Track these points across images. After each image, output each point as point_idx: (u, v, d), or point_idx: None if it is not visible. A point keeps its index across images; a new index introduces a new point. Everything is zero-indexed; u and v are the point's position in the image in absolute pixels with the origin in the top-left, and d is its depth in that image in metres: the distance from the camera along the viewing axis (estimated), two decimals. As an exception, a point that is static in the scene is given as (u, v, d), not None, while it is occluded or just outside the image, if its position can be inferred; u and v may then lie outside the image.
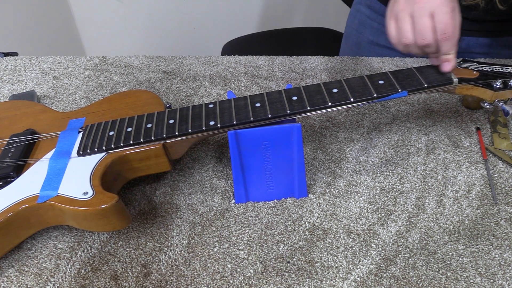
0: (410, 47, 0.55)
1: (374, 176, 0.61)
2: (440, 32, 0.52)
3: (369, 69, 0.81)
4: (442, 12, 0.51)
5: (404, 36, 0.54)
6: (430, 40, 0.53)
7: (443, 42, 0.52)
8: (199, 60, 0.86)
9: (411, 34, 0.53)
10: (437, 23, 0.52)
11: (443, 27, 0.51)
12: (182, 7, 1.79)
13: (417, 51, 0.55)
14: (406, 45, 0.55)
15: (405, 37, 0.54)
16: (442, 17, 0.51)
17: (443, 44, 0.53)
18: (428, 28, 0.52)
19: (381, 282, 0.49)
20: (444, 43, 0.53)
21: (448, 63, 0.55)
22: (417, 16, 0.52)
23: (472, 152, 0.64)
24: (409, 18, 0.53)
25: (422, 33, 0.52)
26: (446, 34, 0.52)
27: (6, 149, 0.57)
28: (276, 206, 0.58)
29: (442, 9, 0.51)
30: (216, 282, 0.50)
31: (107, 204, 0.48)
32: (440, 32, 0.52)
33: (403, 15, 0.53)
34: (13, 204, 0.50)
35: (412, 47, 0.55)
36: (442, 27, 0.51)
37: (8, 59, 0.87)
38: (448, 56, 0.54)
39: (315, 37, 1.38)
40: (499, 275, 0.50)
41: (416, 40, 0.53)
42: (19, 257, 0.53)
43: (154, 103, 0.62)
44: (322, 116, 0.71)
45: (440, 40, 0.52)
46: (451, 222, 0.55)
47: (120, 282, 0.50)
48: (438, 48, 0.54)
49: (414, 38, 0.53)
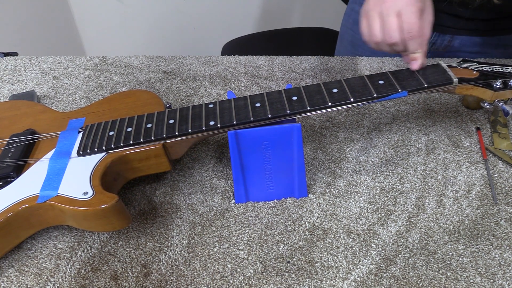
0: (380, 45, 0.56)
1: (374, 176, 0.61)
2: (406, 31, 0.53)
3: (369, 69, 0.81)
4: (408, 12, 0.52)
5: (374, 34, 0.55)
6: (397, 39, 0.54)
7: (409, 41, 0.54)
8: (199, 60, 0.86)
9: (379, 33, 0.55)
10: (403, 22, 0.53)
11: (409, 26, 0.53)
12: (182, 7, 1.79)
13: (387, 49, 0.57)
14: (376, 43, 0.56)
15: (374, 35, 0.55)
16: (408, 17, 0.52)
17: (410, 43, 0.54)
18: (394, 27, 0.53)
19: (381, 282, 0.49)
20: (410, 42, 0.54)
21: (415, 62, 0.55)
22: (385, 15, 0.54)
23: (472, 152, 0.64)
24: (378, 17, 0.55)
25: (389, 32, 0.54)
26: (412, 33, 0.53)
27: (6, 149, 0.57)
28: (276, 206, 0.58)
29: (408, 8, 0.52)
30: (216, 282, 0.50)
31: (107, 204, 0.48)
32: (406, 31, 0.53)
33: (373, 14, 0.55)
34: (13, 204, 0.50)
35: (382, 45, 0.56)
36: (407, 27, 0.53)
37: (8, 59, 0.87)
38: (415, 55, 0.55)
39: (315, 37, 1.38)
40: (499, 275, 0.50)
41: (384, 39, 0.55)
42: (19, 257, 0.53)
43: (154, 103, 0.62)
44: (322, 116, 0.71)
45: (406, 39, 0.54)
46: (451, 222, 0.55)
47: (120, 282, 0.50)
48: (405, 46, 0.55)
49: (382, 36, 0.55)
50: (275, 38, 1.37)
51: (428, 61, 0.82)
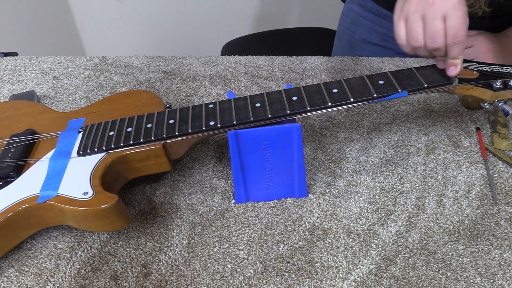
0: (419, 50, 0.53)
1: (374, 176, 0.61)
2: (452, 36, 0.50)
3: (369, 69, 0.81)
4: (455, 16, 0.49)
5: (415, 38, 0.52)
6: (441, 44, 0.51)
7: (452, 47, 0.51)
8: (199, 60, 0.86)
9: (422, 37, 0.52)
10: (449, 27, 0.50)
11: (455, 31, 0.50)
12: (182, 7, 1.79)
13: (425, 54, 0.54)
14: (415, 47, 0.53)
15: (415, 39, 0.52)
16: (455, 21, 0.49)
17: (453, 49, 0.51)
18: (440, 31, 0.50)
19: (381, 282, 0.49)
20: (453, 48, 0.51)
21: (454, 68, 0.53)
22: (430, 19, 0.50)
23: (472, 152, 0.64)
24: (420, 20, 0.51)
25: (433, 36, 0.51)
26: (457, 38, 0.50)
27: (6, 149, 0.57)
28: (276, 206, 0.58)
29: (455, 12, 0.49)
30: (216, 282, 0.50)
31: (107, 204, 0.48)
32: (452, 36, 0.50)
33: (415, 17, 0.51)
34: (13, 204, 0.50)
35: (421, 50, 0.53)
36: (453, 31, 0.50)
37: (8, 59, 0.87)
38: (455, 61, 0.53)
39: (315, 37, 1.38)
40: (499, 275, 0.50)
41: (427, 44, 0.52)
42: (19, 257, 0.53)
43: (154, 103, 0.62)
44: (322, 116, 0.71)
45: (450, 44, 0.51)
46: (451, 222, 0.55)
47: (120, 282, 0.50)
48: (447, 51, 0.52)
49: (424, 41, 0.52)
50: (275, 38, 1.37)
51: (425, 60, 0.82)
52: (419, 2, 0.51)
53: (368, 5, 0.89)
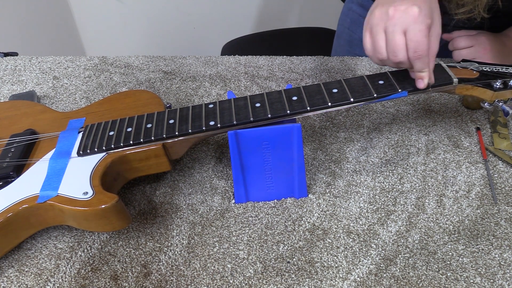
0: (384, 62, 0.53)
1: (374, 176, 0.61)
2: (412, 50, 0.49)
3: (369, 69, 0.81)
4: (415, 30, 0.49)
5: (378, 51, 0.52)
6: (403, 58, 0.51)
7: (414, 61, 0.50)
8: (199, 60, 0.86)
9: (384, 50, 0.52)
10: (409, 40, 0.49)
11: (415, 45, 0.49)
12: (182, 7, 1.79)
13: (392, 65, 0.54)
14: (380, 60, 0.53)
15: (379, 52, 0.52)
16: (415, 35, 0.49)
17: (415, 62, 0.51)
18: (400, 46, 0.50)
19: (381, 282, 0.49)
20: (416, 61, 0.50)
21: (421, 81, 0.53)
22: (390, 32, 0.50)
23: (472, 152, 0.64)
24: (382, 33, 0.51)
25: (394, 50, 0.50)
26: (418, 52, 0.49)
27: (6, 149, 0.57)
28: (276, 206, 0.58)
29: (415, 26, 0.48)
30: (216, 282, 0.50)
31: (107, 204, 0.48)
32: (412, 50, 0.49)
33: (377, 30, 0.51)
34: (13, 204, 0.50)
35: (387, 62, 0.53)
36: (414, 45, 0.49)
37: (8, 59, 0.87)
38: (421, 74, 0.52)
39: (315, 37, 1.38)
40: (499, 275, 0.50)
41: (389, 57, 0.52)
42: (19, 257, 0.53)
43: (154, 103, 0.62)
44: (322, 116, 0.71)
45: (411, 58, 0.50)
46: (451, 222, 0.55)
47: (120, 282, 0.50)
48: (411, 65, 0.52)
49: (387, 54, 0.52)
50: (275, 38, 1.37)
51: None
52: (381, 15, 0.51)
53: (368, 5, 0.89)
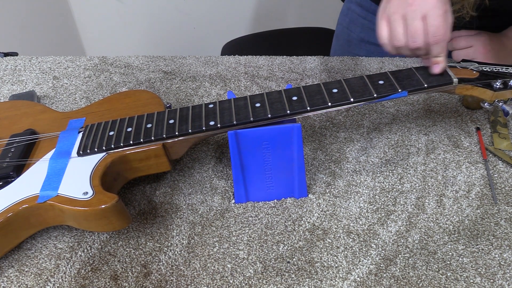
0: (401, 49, 0.55)
1: (374, 176, 0.61)
2: (432, 35, 0.51)
3: (369, 69, 0.81)
4: (434, 15, 0.51)
5: (397, 38, 0.54)
6: (421, 43, 0.52)
7: (433, 45, 0.52)
8: (199, 60, 0.86)
9: (403, 37, 0.53)
10: (429, 26, 0.51)
11: (435, 30, 0.51)
12: (182, 7, 1.79)
13: (407, 53, 0.55)
14: (397, 47, 0.55)
15: (397, 39, 0.54)
16: (434, 20, 0.51)
17: (434, 47, 0.53)
18: (420, 31, 0.52)
19: (381, 282, 0.49)
20: (434, 46, 0.52)
21: (437, 65, 0.54)
22: (410, 19, 0.52)
23: (472, 152, 0.64)
24: (401, 20, 0.53)
25: (414, 36, 0.52)
26: (437, 37, 0.51)
27: (6, 149, 0.57)
28: (276, 206, 0.58)
29: (434, 11, 0.51)
30: (216, 282, 0.50)
31: (107, 204, 0.48)
32: (432, 35, 0.51)
33: (396, 17, 0.53)
34: (13, 204, 0.50)
35: (403, 49, 0.55)
36: (433, 30, 0.51)
37: (8, 59, 0.87)
38: (438, 59, 0.54)
39: (315, 37, 1.38)
40: (499, 275, 0.50)
41: (408, 43, 0.53)
42: (19, 257, 0.53)
43: (154, 103, 0.62)
44: (322, 116, 0.71)
45: (431, 43, 0.52)
46: (451, 222, 0.55)
47: (120, 282, 0.50)
48: (428, 50, 0.53)
49: (406, 40, 0.53)
50: (275, 38, 1.37)
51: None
52: (399, 2, 0.53)
53: (367, 5, 0.89)
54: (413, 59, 0.83)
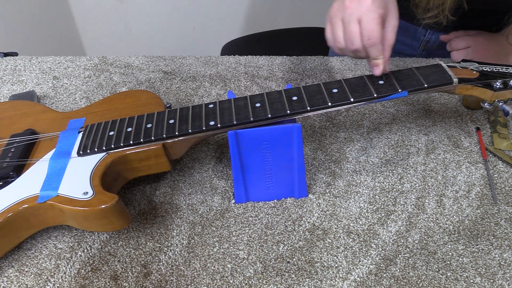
0: (343, 50, 0.56)
1: (374, 176, 0.61)
2: (366, 38, 0.53)
3: (369, 69, 0.81)
4: (368, 19, 0.52)
5: (337, 41, 0.56)
6: (359, 45, 0.54)
7: (369, 48, 0.53)
8: (199, 60, 0.86)
9: (342, 39, 0.55)
10: (363, 29, 0.53)
11: (368, 33, 0.52)
12: (182, 7, 1.79)
13: (351, 54, 0.57)
14: (339, 48, 0.56)
15: (338, 41, 0.56)
16: (368, 24, 0.52)
17: (370, 50, 0.54)
18: (355, 34, 0.53)
19: (381, 282, 0.49)
20: (370, 49, 0.53)
21: (377, 67, 0.55)
22: (346, 22, 0.54)
23: (472, 152, 0.64)
24: (340, 23, 0.55)
25: (350, 38, 0.54)
26: (371, 40, 0.52)
27: (6, 149, 0.57)
28: (276, 206, 0.58)
29: (368, 15, 0.52)
30: (216, 282, 0.50)
31: (107, 204, 0.48)
32: (366, 38, 0.53)
33: (335, 20, 0.55)
34: (13, 204, 0.50)
35: (345, 51, 0.56)
36: (367, 34, 0.52)
37: (8, 59, 0.87)
38: (376, 61, 0.55)
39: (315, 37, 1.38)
40: (499, 275, 0.50)
41: (347, 45, 0.55)
42: (19, 257, 0.53)
43: (154, 103, 0.62)
44: (322, 116, 0.71)
45: (366, 45, 0.53)
46: (451, 222, 0.55)
47: (120, 282, 0.50)
48: (367, 53, 0.55)
49: (345, 43, 0.55)
50: (275, 38, 1.37)
51: (425, 60, 0.82)
52: (338, 6, 0.55)
53: None
54: (414, 59, 0.83)
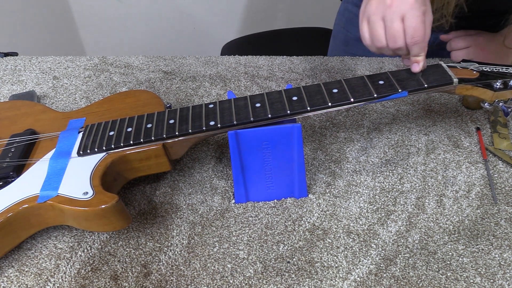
0: (383, 49, 0.55)
1: (374, 176, 0.61)
2: (410, 36, 0.52)
3: (369, 69, 0.81)
4: (412, 16, 0.51)
5: (377, 39, 0.54)
6: (402, 44, 0.53)
7: (412, 46, 0.53)
8: (199, 60, 0.86)
9: (384, 38, 0.54)
10: (407, 27, 0.52)
11: (413, 31, 0.52)
12: (182, 7, 1.79)
13: (389, 53, 0.56)
14: (379, 48, 0.55)
15: (378, 40, 0.54)
16: (412, 21, 0.51)
17: (413, 48, 0.53)
18: (399, 32, 0.52)
19: (381, 282, 0.49)
20: (413, 47, 0.53)
21: (416, 65, 0.55)
22: (389, 20, 0.52)
23: (472, 152, 0.64)
24: (381, 21, 0.53)
25: (393, 37, 0.53)
26: (415, 38, 0.52)
27: (6, 149, 0.57)
28: (276, 206, 0.58)
29: (412, 12, 0.51)
30: (216, 282, 0.50)
31: (107, 204, 0.48)
32: (410, 36, 0.52)
33: (375, 19, 0.54)
34: (13, 204, 0.50)
35: (386, 49, 0.55)
36: (411, 32, 0.52)
37: (8, 59, 0.87)
38: (417, 58, 0.55)
39: (315, 37, 1.38)
40: (499, 275, 0.50)
41: (388, 44, 0.54)
42: (19, 257, 0.53)
43: (154, 103, 0.62)
44: (322, 116, 0.71)
45: (409, 44, 0.53)
46: (451, 222, 0.55)
47: (120, 282, 0.50)
48: (408, 50, 0.54)
49: (386, 42, 0.54)
50: (275, 38, 1.38)
51: (428, 61, 0.82)
52: (378, 3, 0.53)
53: None
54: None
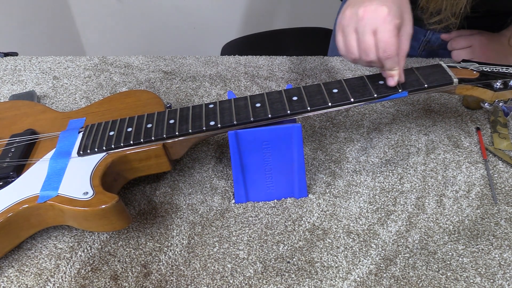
0: (357, 61, 0.54)
1: (374, 176, 0.61)
2: (382, 50, 0.50)
3: (369, 69, 0.81)
4: (384, 30, 0.49)
5: (350, 51, 0.53)
6: (374, 58, 0.51)
7: (385, 60, 0.51)
8: (199, 60, 0.86)
9: (356, 50, 0.52)
10: (379, 41, 0.50)
11: (384, 45, 0.50)
12: (182, 7, 1.79)
13: (364, 65, 0.54)
14: (353, 59, 0.54)
15: (351, 52, 0.53)
16: (383, 35, 0.49)
17: (386, 62, 0.51)
18: (371, 46, 0.51)
19: (381, 282, 0.50)
20: (386, 61, 0.51)
21: (391, 79, 0.53)
22: (361, 33, 0.51)
23: (472, 152, 0.64)
24: (354, 33, 0.52)
25: (365, 50, 0.51)
26: (387, 52, 0.50)
27: (6, 149, 0.57)
28: (276, 206, 0.58)
29: (384, 26, 0.49)
30: (216, 282, 0.50)
31: (107, 204, 0.48)
32: (382, 50, 0.50)
33: (348, 31, 0.52)
34: (13, 204, 0.50)
35: (359, 61, 0.54)
36: (383, 46, 0.50)
37: (8, 59, 0.87)
38: (391, 72, 0.53)
39: (315, 37, 1.38)
40: (499, 275, 0.50)
41: (361, 57, 0.52)
42: (19, 257, 0.53)
43: (154, 103, 0.62)
44: (322, 116, 0.71)
45: (381, 58, 0.51)
46: (451, 222, 0.55)
47: (120, 282, 0.50)
48: (382, 64, 0.53)
49: (359, 54, 0.52)
50: (275, 38, 1.38)
51: (425, 60, 0.82)
52: (352, 15, 0.52)
53: None
54: (414, 59, 0.83)
